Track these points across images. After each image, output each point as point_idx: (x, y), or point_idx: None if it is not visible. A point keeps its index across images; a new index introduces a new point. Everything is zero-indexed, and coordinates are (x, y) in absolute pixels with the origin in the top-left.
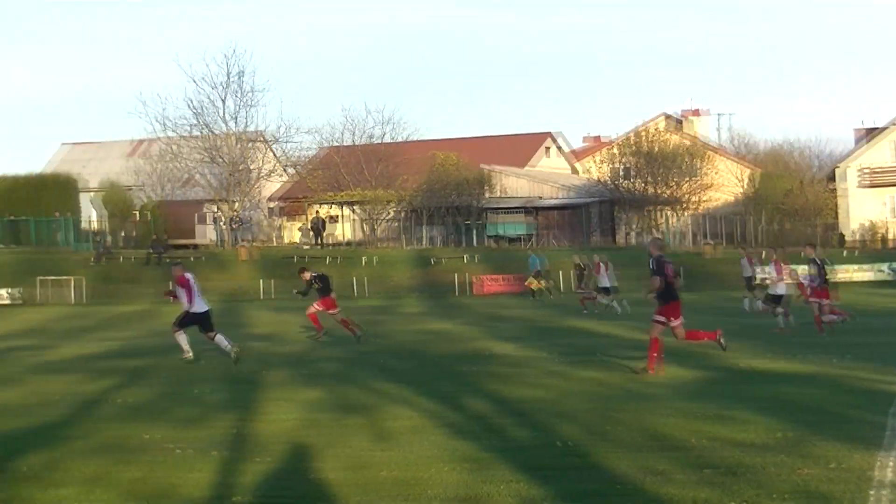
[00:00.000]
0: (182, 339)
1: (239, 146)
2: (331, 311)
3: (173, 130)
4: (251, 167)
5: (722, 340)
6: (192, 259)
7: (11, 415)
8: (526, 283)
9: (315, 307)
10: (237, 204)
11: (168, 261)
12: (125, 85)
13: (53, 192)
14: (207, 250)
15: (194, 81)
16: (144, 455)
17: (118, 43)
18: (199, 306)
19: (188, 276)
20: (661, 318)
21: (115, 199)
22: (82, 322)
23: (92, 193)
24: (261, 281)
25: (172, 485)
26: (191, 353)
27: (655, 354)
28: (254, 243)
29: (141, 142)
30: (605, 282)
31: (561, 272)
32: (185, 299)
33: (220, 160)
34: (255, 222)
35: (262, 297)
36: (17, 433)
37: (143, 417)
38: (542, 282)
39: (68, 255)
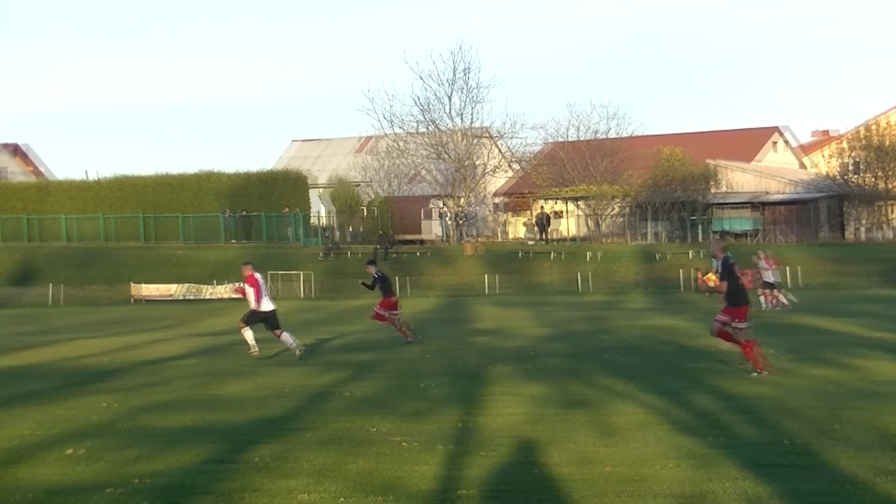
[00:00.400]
0: (248, 335)
1: (465, 142)
2: (391, 313)
3: (400, 127)
4: (477, 163)
5: (759, 372)
6: (417, 254)
7: (243, 407)
8: (704, 278)
9: (377, 309)
10: (463, 199)
11: (396, 256)
12: (352, 83)
13: (284, 188)
14: (433, 245)
15: (421, 78)
16: (372, 447)
17: (346, 41)
18: (266, 305)
19: (257, 276)
20: (724, 318)
21: (343, 195)
22: (311, 316)
23: (320, 189)
24: (486, 276)
25: (399, 477)
26: (257, 350)
27: (754, 356)
28: (479, 238)
29: (369, 138)
30: (769, 277)
31: (788, 268)
32: (253, 297)
33: (447, 156)
34: (480, 217)
35: (487, 291)
36: (248, 425)
37: (371, 410)
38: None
39: (298, 249)
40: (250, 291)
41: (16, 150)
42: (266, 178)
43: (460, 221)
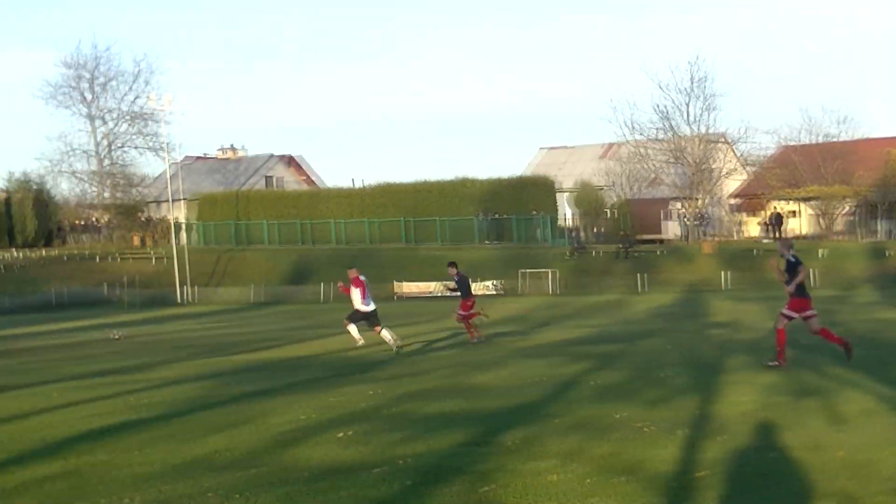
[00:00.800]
0: (353, 329)
1: (701, 147)
2: (462, 312)
3: (641, 134)
4: (713, 166)
5: (848, 350)
6: (657, 252)
7: (497, 395)
8: None
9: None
10: (700, 201)
11: (636, 255)
12: (596, 93)
13: (533, 192)
14: (671, 244)
15: (661, 88)
16: (615, 432)
17: (589, 53)
18: (368, 305)
19: (362, 278)
20: (790, 313)
21: (587, 198)
22: (558, 311)
23: (566, 193)
24: (721, 273)
25: (642, 460)
26: (362, 341)
27: (781, 347)
28: (715, 237)
29: (611, 145)
30: None
31: None
32: (359, 297)
33: (684, 161)
34: (715, 217)
35: (722, 287)
36: (502, 411)
37: (614, 398)
38: None
39: (546, 249)
40: (356, 292)
41: (290, 161)
42: (516, 184)
43: (697, 221)
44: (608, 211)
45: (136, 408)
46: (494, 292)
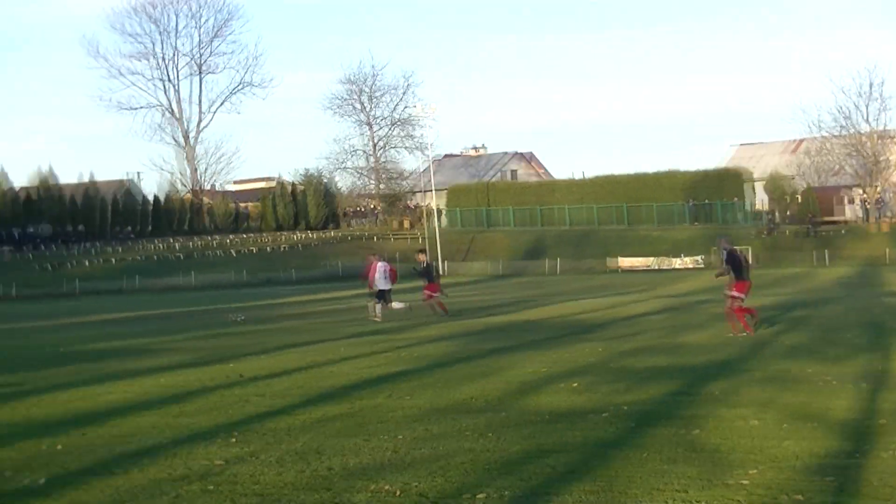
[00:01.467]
0: (372, 306)
1: (878, 142)
2: (431, 292)
3: (825, 131)
4: (887, 158)
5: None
6: (843, 232)
7: (702, 352)
8: None
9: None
10: (877, 188)
11: (821, 234)
12: (784, 95)
13: (730, 182)
14: (850, 225)
15: (843, 92)
16: (804, 385)
17: (778, 61)
18: (384, 286)
19: (378, 265)
20: (737, 294)
21: (777, 187)
22: (753, 281)
23: (760, 182)
24: (893, 249)
25: (826, 408)
26: (379, 317)
27: (744, 320)
28: (890, 219)
29: (800, 141)
30: None
31: None
32: (380, 278)
33: (864, 153)
34: (890, 202)
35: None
36: (705, 365)
37: (803, 355)
38: None
39: (743, 229)
40: (378, 274)
41: (527, 157)
42: (717, 174)
43: (872, 206)
44: (797, 197)
45: (406, 360)
46: (697, 266)
